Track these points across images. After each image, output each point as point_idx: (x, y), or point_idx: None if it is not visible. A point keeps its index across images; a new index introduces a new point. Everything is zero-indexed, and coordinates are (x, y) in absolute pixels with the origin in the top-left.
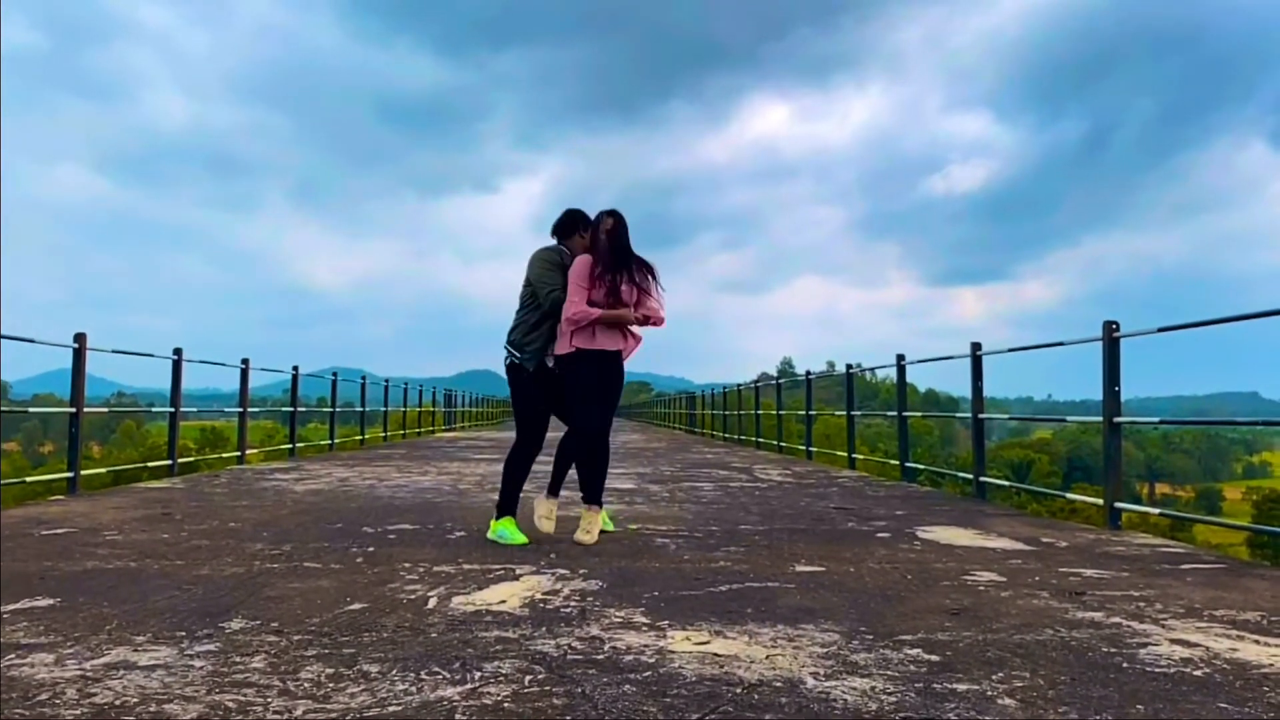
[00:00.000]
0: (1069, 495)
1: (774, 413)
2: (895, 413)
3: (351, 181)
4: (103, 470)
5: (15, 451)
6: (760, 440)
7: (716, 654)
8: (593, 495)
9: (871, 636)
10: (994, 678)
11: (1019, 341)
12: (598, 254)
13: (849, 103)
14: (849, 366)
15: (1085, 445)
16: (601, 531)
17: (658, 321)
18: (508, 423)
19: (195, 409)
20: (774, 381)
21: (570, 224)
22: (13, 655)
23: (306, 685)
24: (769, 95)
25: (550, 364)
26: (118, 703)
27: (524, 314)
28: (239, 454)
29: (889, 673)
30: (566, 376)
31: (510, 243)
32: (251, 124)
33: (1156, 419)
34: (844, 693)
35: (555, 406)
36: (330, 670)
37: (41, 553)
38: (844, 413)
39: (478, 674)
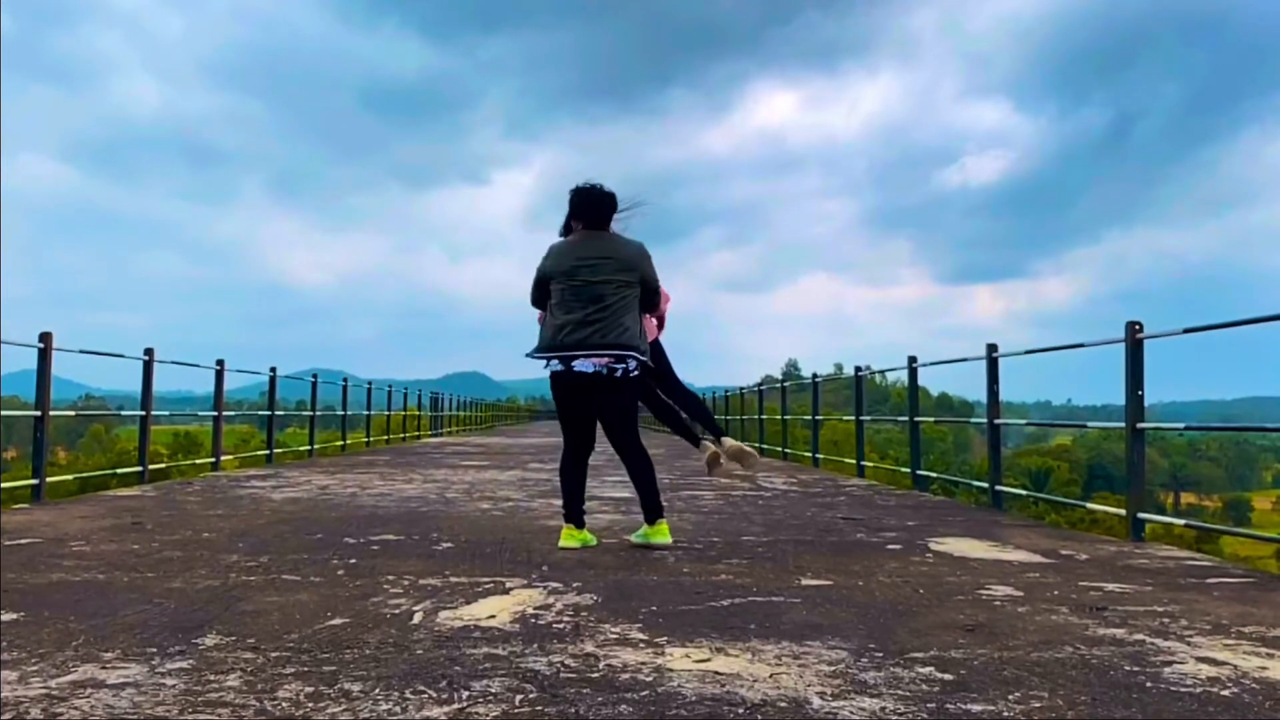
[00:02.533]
0: (1089, 505)
1: (778, 417)
2: (907, 418)
3: (333, 172)
4: (69, 477)
5: None
6: (764, 447)
7: (718, 672)
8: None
9: (881, 654)
10: (1010, 698)
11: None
12: None
13: (859, 90)
14: (858, 369)
15: (1107, 452)
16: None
17: None
18: (499, 428)
19: (167, 412)
20: (778, 384)
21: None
22: None
23: (284, 705)
24: (774, 82)
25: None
26: None
27: (634, 315)
28: (214, 460)
29: (899, 692)
30: (657, 361)
31: (500, 238)
32: (227, 111)
33: (1182, 425)
34: (852, 713)
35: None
36: (310, 689)
37: (4, 564)
38: (852, 417)
39: (465, 693)
